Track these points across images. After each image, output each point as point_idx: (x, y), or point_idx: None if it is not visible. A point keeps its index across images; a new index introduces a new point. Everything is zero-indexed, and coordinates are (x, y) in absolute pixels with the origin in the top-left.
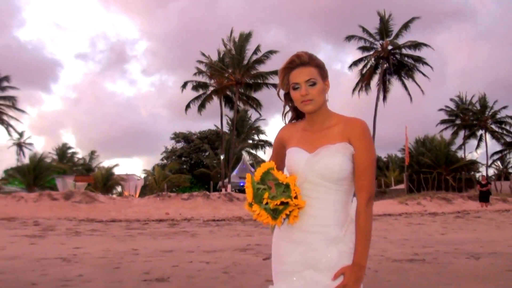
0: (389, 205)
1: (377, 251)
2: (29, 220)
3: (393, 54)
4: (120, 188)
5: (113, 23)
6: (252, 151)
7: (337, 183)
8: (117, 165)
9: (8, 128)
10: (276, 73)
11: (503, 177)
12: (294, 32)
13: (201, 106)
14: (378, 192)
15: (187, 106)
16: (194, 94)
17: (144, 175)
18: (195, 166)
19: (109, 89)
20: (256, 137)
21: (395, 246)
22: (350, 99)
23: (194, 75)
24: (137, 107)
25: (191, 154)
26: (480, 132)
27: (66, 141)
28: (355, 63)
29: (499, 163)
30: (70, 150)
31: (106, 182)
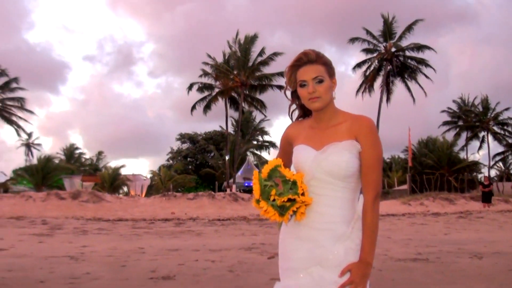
0: (392, 205)
1: (381, 250)
2: (37, 219)
3: (396, 56)
4: (126, 188)
5: (120, 26)
6: (256, 152)
7: (344, 180)
8: (123, 166)
9: (17, 128)
10: (281, 74)
11: (505, 178)
12: (299, 34)
13: (207, 108)
14: (381, 193)
15: (193, 108)
16: (200, 95)
17: (150, 175)
18: (200, 167)
19: (116, 90)
20: (260, 138)
21: (399, 246)
22: (354, 100)
23: (200, 77)
24: (143, 109)
25: (197, 154)
26: (482, 133)
27: (73, 141)
28: (359, 65)
29: (501, 164)
30: (77, 151)
31: (113, 182)
